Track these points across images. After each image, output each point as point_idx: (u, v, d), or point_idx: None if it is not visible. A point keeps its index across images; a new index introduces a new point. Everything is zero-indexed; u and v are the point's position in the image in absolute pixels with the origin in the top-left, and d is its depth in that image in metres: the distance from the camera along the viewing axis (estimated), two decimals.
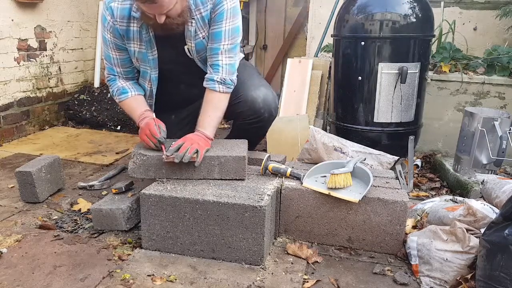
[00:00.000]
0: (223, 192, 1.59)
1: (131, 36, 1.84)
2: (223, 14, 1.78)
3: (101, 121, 3.48)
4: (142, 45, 1.85)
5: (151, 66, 1.91)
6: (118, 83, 1.95)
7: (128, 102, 1.92)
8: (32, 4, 3.13)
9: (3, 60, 2.97)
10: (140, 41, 1.84)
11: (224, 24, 1.79)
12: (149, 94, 2.00)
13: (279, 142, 2.46)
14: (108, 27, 1.83)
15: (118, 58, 1.92)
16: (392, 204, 1.61)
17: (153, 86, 1.97)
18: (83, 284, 1.42)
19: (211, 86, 1.83)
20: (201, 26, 1.82)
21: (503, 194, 1.70)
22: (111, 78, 1.97)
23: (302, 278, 1.49)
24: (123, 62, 1.93)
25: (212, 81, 1.82)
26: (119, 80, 1.96)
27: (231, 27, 1.81)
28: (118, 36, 1.85)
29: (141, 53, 1.87)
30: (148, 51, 1.86)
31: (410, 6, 2.31)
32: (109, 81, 1.98)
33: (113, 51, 1.90)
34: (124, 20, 1.80)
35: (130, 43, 1.86)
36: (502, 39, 3.13)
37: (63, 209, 1.99)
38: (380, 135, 2.44)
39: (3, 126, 3.04)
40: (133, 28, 1.81)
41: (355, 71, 2.42)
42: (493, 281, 1.23)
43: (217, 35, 1.81)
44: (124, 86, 1.94)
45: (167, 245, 1.61)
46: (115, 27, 1.82)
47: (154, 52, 1.87)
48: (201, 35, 1.84)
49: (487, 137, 2.19)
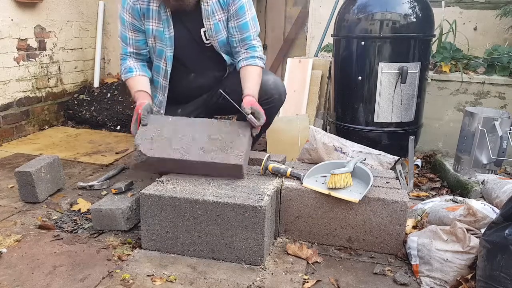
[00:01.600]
0: (223, 192, 1.59)
1: (150, 14, 1.97)
2: (244, 7, 1.99)
3: (101, 121, 3.47)
4: (160, 24, 1.99)
5: (167, 44, 2.02)
6: (128, 62, 2.07)
7: (131, 80, 2.04)
8: (31, 4, 3.13)
9: (3, 60, 2.97)
10: (158, 20, 1.98)
11: (247, 15, 2.00)
12: (164, 74, 2.11)
13: (279, 142, 2.46)
14: (128, 7, 1.98)
15: (133, 39, 2.05)
16: (392, 204, 1.61)
17: (168, 65, 2.07)
18: (82, 284, 1.42)
19: (253, 62, 2.00)
20: (218, 9, 1.98)
21: (503, 194, 1.70)
22: (123, 57, 2.10)
23: (302, 278, 1.48)
24: (137, 44, 2.06)
25: (253, 58, 2.01)
26: (129, 60, 2.07)
27: (252, 16, 2.03)
28: (137, 17, 1.99)
29: (158, 31, 2.01)
30: (165, 29, 1.99)
31: (410, 5, 2.31)
32: (121, 60, 2.12)
33: (130, 32, 2.03)
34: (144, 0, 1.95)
35: (149, 22, 1.99)
36: (503, 39, 3.13)
37: (62, 209, 1.98)
38: (380, 135, 2.44)
39: (3, 126, 3.03)
40: (153, 7, 1.96)
41: (355, 71, 2.42)
42: (493, 281, 1.23)
43: (245, 26, 2.01)
44: (131, 66, 2.06)
45: (167, 245, 1.61)
46: (135, 7, 1.96)
47: (171, 30, 2.00)
48: (217, 17, 1.99)
49: (487, 137, 2.19)
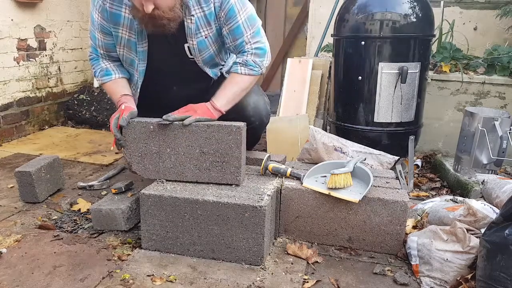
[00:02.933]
0: (223, 192, 1.59)
1: (121, 21, 1.74)
2: (233, 9, 1.73)
3: (101, 121, 3.47)
4: (132, 34, 1.77)
5: (140, 58, 1.83)
6: (102, 63, 1.88)
7: (110, 84, 1.86)
8: (31, 4, 3.13)
9: (3, 60, 2.97)
10: (131, 29, 1.76)
11: (238, 17, 1.75)
12: (134, 84, 1.92)
13: (279, 142, 2.46)
14: (98, 6, 1.75)
15: (103, 41, 1.84)
16: (392, 204, 1.61)
17: (139, 79, 1.89)
18: (82, 284, 1.42)
19: (233, 69, 1.80)
20: (204, 24, 1.76)
21: (503, 194, 1.70)
22: (93, 57, 1.91)
23: (302, 278, 1.48)
24: (107, 46, 1.85)
25: (235, 64, 1.80)
26: (102, 61, 1.89)
27: (246, 16, 1.76)
28: (106, 18, 1.76)
29: (130, 42, 1.79)
30: (138, 42, 1.78)
31: (410, 5, 2.31)
32: (91, 60, 1.92)
33: (99, 33, 1.82)
34: (114, 3, 1.72)
35: (118, 29, 1.77)
36: (502, 38, 3.13)
37: (62, 209, 1.98)
38: (380, 135, 2.44)
39: (3, 126, 3.03)
40: (125, 14, 1.73)
41: (355, 71, 2.42)
42: (493, 281, 1.23)
43: (237, 30, 1.76)
44: (107, 67, 1.87)
45: (167, 245, 1.61)
46: (105, 7, 1.73)
47: (144, 44, 1.80)
48: (204, 33, 1.78)
49: (487, 137, 2.19)
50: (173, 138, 1.64)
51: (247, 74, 1.79)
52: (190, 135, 1.63)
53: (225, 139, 1.60)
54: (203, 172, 1.66)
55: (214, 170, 1.64)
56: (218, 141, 1.61)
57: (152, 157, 1.68)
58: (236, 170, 1.63)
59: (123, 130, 1.68)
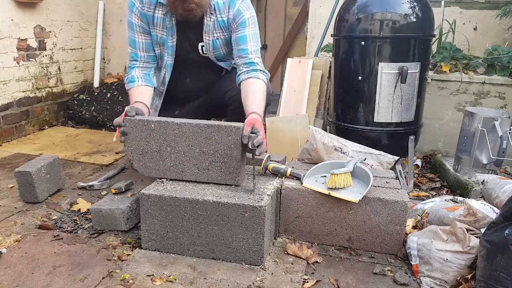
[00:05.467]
0: (223, 192, 1.59)
1: (155, 22, 2.00)
2: (245, 22, 1.98)
3: (101, 121, 3.47)
4: (164, 32, 2.02)
5: (169, 53, 2.07)
6: (133, 72, 2.05)
7: (132, 91, 2.01)
8: (31, 4, 3.13)
9: (3, 60, 2.97)
10: (163, 27, 2.01)
11: (247, 29, 1.99)
12: (162, 80, 2.16)
13: (279, 142, 2.46)
14: (136, 11, 1.99)
15: (144, 42, 2.06)
16: (392, 204, 1.61)
17: (167, 73, 2.12)
18: (82, 284, 1.42)
19: (254, 75, 1.93)
20: (218, 27, 2.01)
21: (503, 194, 1.70)
22: (132, 64, 2.09)
23: (302, 278, 1.48)
24: (148, 47, 2.07)
25: (255, 71, 1.94)
26: (136, 69, 2.06)
27: (253, 32, 2.01)
28: (145, 20, 2.01)
29: (162, 39, 2.04)
30: (168, 37, 2.03)
31: (410, 5, 2.31)
32: (129, 68, 2.10)
33: (140, 34, 2.04)
34: (151, 6, 1.98)
35: (154, 29, 2.03)
36: (502, 39, 3.13)
37: (62, 209, 1.98)
38: (380, 135, 2.44)
39: (3, 126, 3.03)
40: (158, 14, 1.98)
41: (355, 71, 2.42)
42: (494, 281, 1.23)
43: (242, 38, 1.99)
44: (134, 75, 2.03)
45: (167, 245, 1.61)
46: (143, 12, 1.99)
47: (174, 39, 2.04)
48: (216, 35, 2.04)
49: (487, 137, 2.19)
50: (173, 137, 1.64)
51: (265, 82, 1.97)
52: (191, 134, 1.63)
53: (225, 139, 1.60)
54: (202, 172, 1.66)
55: (213, 170, 1.64)
56: (218, 142, 1.61)
57: (153, 156, 1.68)
58: (235, 171, 1.63)
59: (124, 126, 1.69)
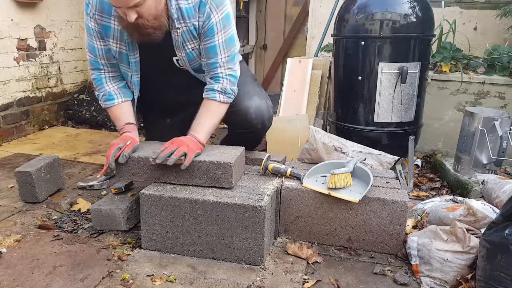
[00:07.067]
0: (223, 192, 1.59)
1: (110, 33, 1.71)
2: (213, 29, 1.69)
3: (101, 121, 3.47)
4: (123, 46, 1.74)
5: (133, 70, 1.80)
6: (106, 86, 1.83)
7: (114, 109, 1.83)
8: (31, 3, 3.13)
9: (3, 60, 2.97)
10: (121, 41, 1.72)
11: (216, 38, 1.70)
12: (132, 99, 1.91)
13: (279, 142, 2.46)
14: (91, 14, 1.70)
15: (103, 49, 1.77)
16: (392, 204, 1.61)
17: (135, 90, 1.86)
18: (82, 284, 1.42)
19: (211, 96, 1.75)
20: (189, 38, 1.73)
21: (503, 194, 1.70)
22: (96, 76, 1.83)
23: (302, 278, 1.48)
24: (108, 54, 1.79)
25: (212, 91, 1.75)
26: (106, 82, 1.83)
27: (225, 39, 1.72)
28: (101, 28, 1.74)
29: (121, 54, 1.76)
30: (130, 53, 1.75)
31: (410, 5, 2.31)
32: (95, 81, 1.85)
33: (98, 40, 1.76)
34: (103, 15, 1.68)
35: (109, 41, 1.73)
36: (503, 38, 3.13)
37: (62, 209, 1.98)
38: (380, 135, 2.44)
39: (3, 126, 3.03)
40: (114, 26, 1.69)
41: (355, 71, 2.42)
42: (494, 281, 1.23)
43: (211, 50, 1.72)
44: (111, 91, 1.82)
45: (167, 245, 1.61)
46: (96, 19, 1.71)
47: (136, 55, 1.76)
48: (190, 46, 1.75)
49: (487, 137, 2.19)
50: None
51: (225, 102, 1.77)
52: None
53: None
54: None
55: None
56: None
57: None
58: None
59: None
